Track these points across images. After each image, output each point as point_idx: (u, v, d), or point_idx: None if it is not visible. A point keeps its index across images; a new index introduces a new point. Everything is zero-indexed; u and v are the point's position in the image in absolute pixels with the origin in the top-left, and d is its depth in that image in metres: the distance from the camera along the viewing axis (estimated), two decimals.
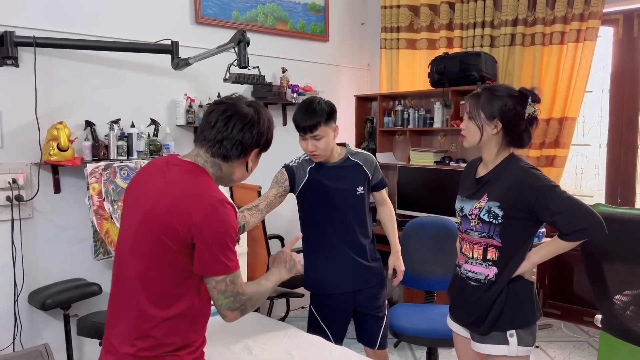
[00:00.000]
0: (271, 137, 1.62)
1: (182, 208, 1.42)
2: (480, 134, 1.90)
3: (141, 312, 1.45)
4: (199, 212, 1.41)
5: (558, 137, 3.78)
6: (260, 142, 1.57)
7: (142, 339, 1.44)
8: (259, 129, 1.56)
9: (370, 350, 2.45)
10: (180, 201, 1.43)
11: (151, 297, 1.45)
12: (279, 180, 2.34)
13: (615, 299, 2.31)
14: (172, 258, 1.44)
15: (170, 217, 1.42)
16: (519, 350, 1.88)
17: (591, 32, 3.61)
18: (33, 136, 2.97)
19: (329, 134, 2.23)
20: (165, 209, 1.43)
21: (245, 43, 2.91)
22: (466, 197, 1.98)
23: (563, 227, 1.80)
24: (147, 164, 1.64)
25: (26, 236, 3.03)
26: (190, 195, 1.44)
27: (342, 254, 2.33)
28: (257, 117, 1.56)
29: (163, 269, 1.45)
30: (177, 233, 1.41)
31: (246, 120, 1.54)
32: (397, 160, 4.60)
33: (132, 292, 1.47)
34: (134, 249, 1.48)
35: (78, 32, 3.15)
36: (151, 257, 1.45)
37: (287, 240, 4.11)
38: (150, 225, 1.45)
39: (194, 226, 1.41)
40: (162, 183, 1.49)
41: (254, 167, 1.63)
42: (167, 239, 1.42)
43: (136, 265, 1.47)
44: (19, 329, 2.99)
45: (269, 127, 1.60)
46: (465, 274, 1.97)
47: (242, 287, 1.50)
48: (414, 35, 4.57)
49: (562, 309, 4.13)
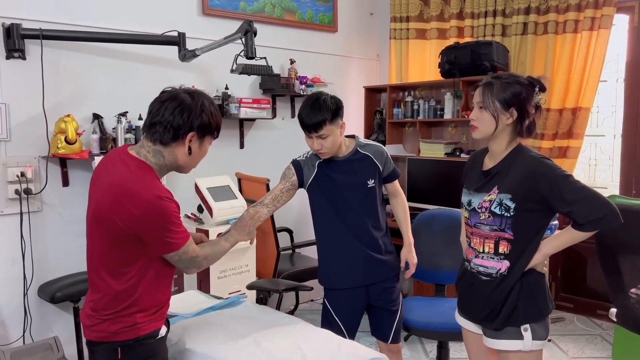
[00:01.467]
0: (212, 122, 1.67)
1: (122, 207, 1.55)
2: (496, 124, 1.85)
3: (102, 283, 1.64)
4: (137, 211, 1.54)
5: (571, 127, 3.72)
6: (194, 125, 1.62)
7: (101, 303, 1.65)
8: (191, 111, 1.62)
9: (384, 344, 2.43)
10: (121, 201, 1.55)
11: (107, 272, 1.64)
12: (286, 175, 2.33)
13: (630, 293, 2.27)
14: (118, 245, 1.60)
15: (112, 216, 1.56)
16: (533, 344, 1.85)
17: (606, 19, 3.54)
18: (41, 129, 2.96)
19: (334, 132, 2.18)
20: (108, 208, 1.57)
21: (252, 33, 2.88)
22: (474, 190, 1.94)
23: (578, 217, 1.76)
24: (106, 155, 1.76)
25: (35, 229, 3.03)
26: (129, 195, 1.55)
27: (354, 248, 2.30)
28: (190, 101, 1.62)
29: (112, 252, 1.62)
30: (120, 228, 1.56)
31: (177, 103, 1.61)
32: (407, 152, 4.56)
33: (94, 266, 1.68)
34: (91, 234, 1.67)
35: (85, 24, 3.14)
36: (102, 242, 1.63)
37: (296, 233, 4.10)
38: (97, 218, 1.61)
39: (135, 223, 1.55)
40: (109, 181, 1.61)
41: (200, 153, 1.70)
42: (112, 232, 1.58)
43: (93, 246, 1.67)
44: (28, 322, 3.00)
45: (204, 111, 1.64)
46: (476, 269, 1.93)
47: (196, 251, 1.70)
48: (424, 25, 4.51)
49: (575, 302, 4.08)
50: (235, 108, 3.75)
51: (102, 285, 1.64)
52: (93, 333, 1.66)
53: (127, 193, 1.56)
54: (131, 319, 1.64)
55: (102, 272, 1.64)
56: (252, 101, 3.85)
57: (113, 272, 1.63)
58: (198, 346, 1.91)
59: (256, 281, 3.20)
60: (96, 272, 1.67)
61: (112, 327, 1.63)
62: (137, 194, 1.55)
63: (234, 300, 2.35)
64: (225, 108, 3.73)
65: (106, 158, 1.73)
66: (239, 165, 3.93)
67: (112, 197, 1.57)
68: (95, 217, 1.63)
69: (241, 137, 3.99)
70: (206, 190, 3.19)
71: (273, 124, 4.16)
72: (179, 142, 1.64)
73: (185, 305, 2.33)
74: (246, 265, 3.37)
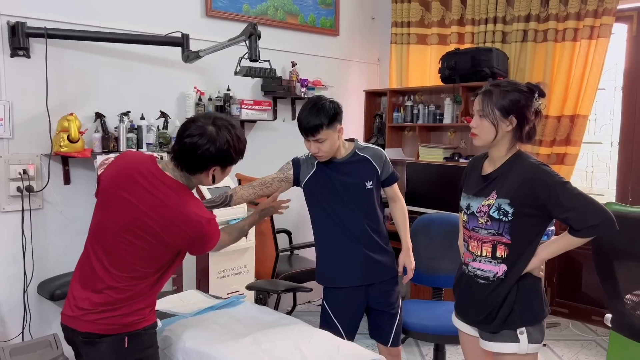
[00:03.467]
0: (234, 154, 1.77)
1: (177, 230, 1.68)
2: (496, 132, 1.88)
3: (120, 282, 1.72)
4: (192, 233, 1.70)
5: (569, 134, 3.75)
6: (218, 161, 1.74)
7: (116, 298, 1.73)
8: (216, 147, 1.70)
9: (384, 347, 2.44)
10: (178, 225, 1.68)
11: (132, 273, 1.72)
12: (283, 168, 2.39)
13: (626, 299, 2.29)
14: (154, 254, 1.72)
15: (162, 234, 1.68)
16: (529, 347, 1.87)
17: (605, 28, 3.57)
18: (44, 127, 2.98)
19: (332, 136, 2.20)
20: (161, 226, 1.68)
21: (256, 36, 2.91)
22: (472, 194, 1.96)
23: (575, 223, 1.79)
24: (129, 159, 1.82)
25: (36, 227, 3.04)
26: (186, 220, 1.69)
27: (353, 248, 2.32)
28: (216, 136, 1.70)
29: (146, 258, 1.72)
30: (166, 243, 1.70)
31: (205, 140, 1.69)
32: (406, 156, 4.58)
33: (98, 266, 1.74)
34: (117, 236, 1.71)
35: (89, 23, 3.16)
36: (135, 248, 1.70)
37: (295, 235, 4.12)
38: (139, 227, 1.69)
39: (185, 242, 1.72)
40: (153, 200, 1.69)
41: (222, 177, 1.84)
42: (155, 244, 1.70)
43: (118, 248, 1.72)
44: (28, 319, 3.01)
45: (229, 146, 1.73)
46: (473, 272, 1.95)
47: (222, 240, 1.88)
48: (425, 30, 4.54)
49: (570, 308, 4.11)
50: (237, 109, 3.77)
51: (120, 285, 1.72)
52: (99, 326, 1.71)
53: (184, 218, 1.69)
54: (142, 313, 1.77)
55: (124, 272, 1.72)
56: (253, 103, 3.87)
57: (140, 274, 1.73)
58: (198, 345, 1.93)
59: (256, 282, 3.22)
60: (109, 270, 1.73)
61: (125, 320, 1.72)
62: (192, 219, 1.69)
63: (234, 300, 2.37)
64: (226, 109, 3.75)
65: (131, 167, 1.78)
66: (239, 166, 3.88)
67: (169, 220, 1.68)
68: (135, 226, 1.69)
69: None
70: (207, 191, 3.21)
71: (274, 125, 4.18)
72: (204, 173, 1.76)
73: (185, 305, 2.35)
74: (245, 266, 3.39)
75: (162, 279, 1.81)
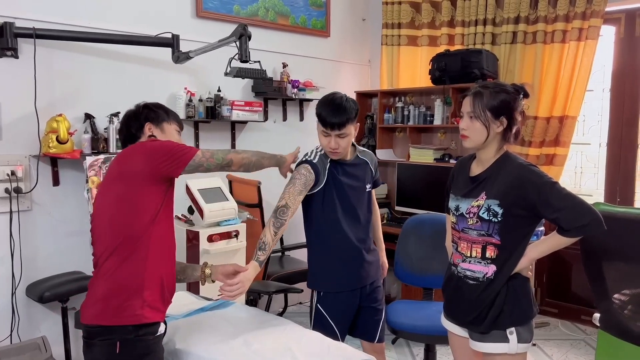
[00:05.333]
0: (155, 107, 1.96)
1: (130, 155, 1.78)
2: (487, 133, 1.89)
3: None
4: (143, 150, 1.77)
5: (558, 135, 3.79)
6: (144, 116, 1.91)
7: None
8: (137, 112, 1.93)
9: (368, 344, 2.45)
10: (127, 154, 1.80)
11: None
12: (307, 181, 2.21)
13: (614, 298, 2.31)
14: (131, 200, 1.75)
15: (123, 170, 1.76)
16: (518, 347, 1.88)
17: (593, 30, 3.61)
18: (32, 128, 2.95)
19: (352, 132, 2.22)
20: (117, 163, 1.80)
21: (247, 37, 2.90)
22: (461, 195, 1.97)
23: (564, 223, 1.80)
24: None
25: (25, 228, 3.02)
26: (132, 148, 1.82)
27: (351, 251, 2.32)
28: (135, 108, 1.95)
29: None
30: (136, 173, 1.73)
31: (128, 114, 1.95)
32: (397, 157, 4.60)
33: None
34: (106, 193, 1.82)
35: (78, 24, 3.14)
36: (110, 204, 1.79)
37: (286, 236, 4.11)
38: (115, 178, 1.79)
39: (145, 159, 1.73)
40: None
41: (171, 135, 1.96)
42: (131, 180, 1.75)
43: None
44: (16, 322, 2.98)
45: (143, 105, 1.95)
46: (463, 273, 1.96)
47: (218, 151, 1.89)
48: (415, 31, 4.56)
49: (560, 308, 4.14)
50: (227, 110, 3.77)
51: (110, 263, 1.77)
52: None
53: (129, 148, 1.81)
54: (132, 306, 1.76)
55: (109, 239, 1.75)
56: (244, 104, 3.86)
57: (128, 233, 1.74)
58: (189, 347, 1.92)
59: None
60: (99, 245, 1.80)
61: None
62: (140, 144, 1.81)
63: (224, 301, 2.36)
64: (217, 110, 3.74)
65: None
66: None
67: (117, 156, 1.81)
68: (111, 179, 1.79)
69: (233, 140, 4.01)
70: (197, 191, 3.20)
71: (264, 126, 4.18)
72: (143, 137, 1.91)
73: (175, 306, 2.33)
74: None
75: (151, 249, 1.73)
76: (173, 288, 1.87)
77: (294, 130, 4.32)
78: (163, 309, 1.80)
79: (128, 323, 1.68)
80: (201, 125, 3.78)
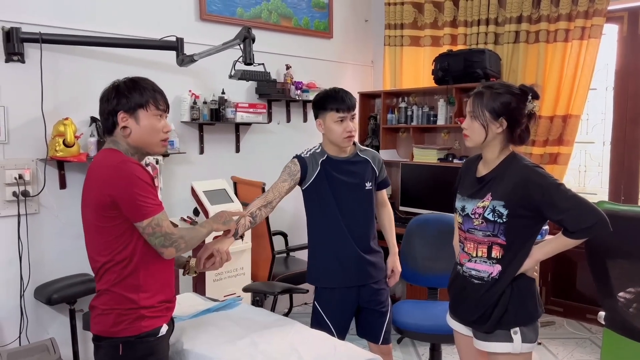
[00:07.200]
0: (128, 89, 1.81)
1: (96, 182, 1.68)
2: (486, 133, 1.89)
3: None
4: (106, 178, 1.65)
5: (562, 134, 3.79)
6: (116, 103, 1.76)
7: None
8: (105, 93, 1.80)
9: (374, 345, 2.46)
10: (95, 177, 1.70)
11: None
12: (292, 171, 2.33)
13: (619, 297, 2.32)
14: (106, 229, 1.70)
15: (91, 194, 1.70)
16: (522, 347, 1.89)
17: (596, 29, 3.61)
18: (39, 132, 2.98)
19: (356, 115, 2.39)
20: (86, 190, 1.73)
21: (250, 40, 2.92)
22: (467, 196, 1.98)
23: (569, 225, 1.80)
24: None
25: (32, 231, 3.04)
26: (99, 167, 1.70)
27: (348, 248, 2.34)
28: (109, 88, 1.81)
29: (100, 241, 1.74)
30: (100, 201, 1.66)
31: (101, 96, 1.81)
32: (401, 157, 4.61)
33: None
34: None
35: (84, 28, 3.16)
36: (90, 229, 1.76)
37: (291, 237, 4.13)
38: (86, 205, 1.74)
39: (109, 188, 1.64)
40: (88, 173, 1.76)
41: (142, 128, 1.75)
42: (99, 211, 1.68)
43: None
44: (25, 324, 3.01)
45: (116, 86, 1.81)
46: (468, 272, 1.97)
47: (170, 228, 1.70)
48: (418, 32, 4.57)
49: (565, 306, 4.14)
50: (232, 112, 3.79)
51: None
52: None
53: (98, 169, 1.69)
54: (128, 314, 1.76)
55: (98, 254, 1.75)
56: (248, 106, 3.88)
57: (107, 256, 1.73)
58: (196, 347, 1.94)
59: (252, 284, 3.23)
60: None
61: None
62: (104, 165, 1.68)
63: (230, 302, 2.38)
64: (221, 112, 3.76)
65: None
66: (235, 169, 3.96)
67: (89, 180, 1.71)
68: (85, 207, 1.75)
69: (237, 142, 4.03)
70: (202, 193, 3.22)
71: (269, 128, 4.20)
72: (116, 128, 1.75)
73: (182, 308, 2.35)
74: (241, 268, 3.40)
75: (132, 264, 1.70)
76: (172, 292, 1.85)
77: (297, 131, 4.33)
78: (164, 314, 1.80)
79: (128, 335, 1.71)
80: (205, 127, 3.81)
